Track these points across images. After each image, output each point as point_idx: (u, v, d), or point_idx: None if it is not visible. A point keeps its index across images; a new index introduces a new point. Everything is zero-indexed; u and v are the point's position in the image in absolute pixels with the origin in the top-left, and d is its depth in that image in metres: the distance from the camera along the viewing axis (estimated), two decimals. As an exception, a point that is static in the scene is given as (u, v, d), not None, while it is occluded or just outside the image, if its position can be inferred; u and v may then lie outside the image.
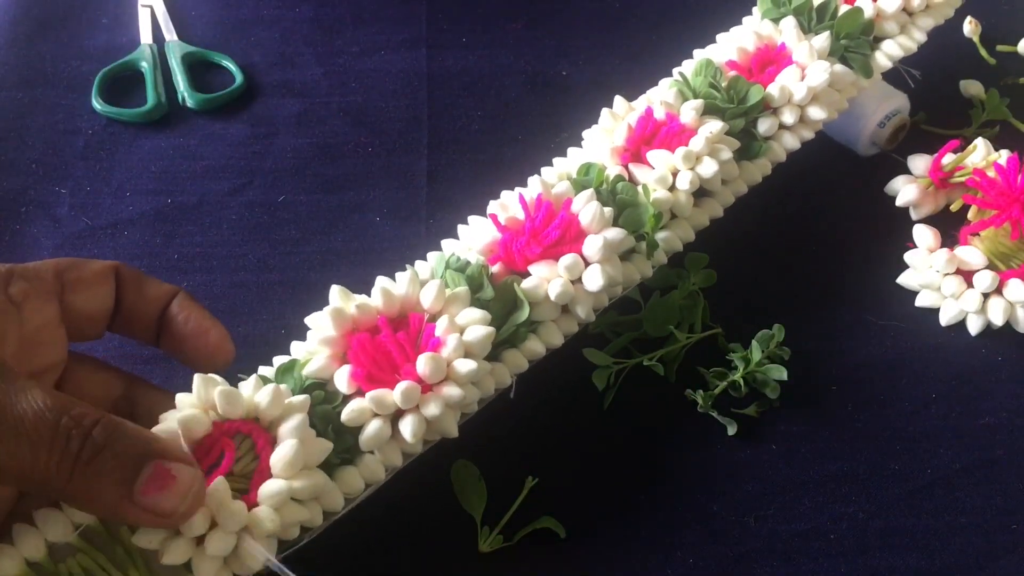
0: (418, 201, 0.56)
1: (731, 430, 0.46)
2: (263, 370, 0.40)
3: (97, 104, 0.59)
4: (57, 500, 0.34)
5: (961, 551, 0.44)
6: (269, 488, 0.35)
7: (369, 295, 0.41)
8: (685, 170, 0.47)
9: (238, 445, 0.36)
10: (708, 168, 0.47)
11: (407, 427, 0.38)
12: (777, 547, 0.43)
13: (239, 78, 0.61)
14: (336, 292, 0.41)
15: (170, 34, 0.64)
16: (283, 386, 0.38)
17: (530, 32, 0.65)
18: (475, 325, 0.40)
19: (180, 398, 0.37)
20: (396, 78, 0.62)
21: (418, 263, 0.44)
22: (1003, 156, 0.52)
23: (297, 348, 0.40)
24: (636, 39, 0.65)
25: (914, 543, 0.44)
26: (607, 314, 0.48)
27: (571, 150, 0.49)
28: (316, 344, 0.40)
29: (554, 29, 0.66)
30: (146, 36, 0.63)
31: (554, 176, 0.48)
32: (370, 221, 0.55)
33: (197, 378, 0.37)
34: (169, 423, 0.36)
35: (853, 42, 0.52)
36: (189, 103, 0.60)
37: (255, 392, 0.37)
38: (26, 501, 0.35)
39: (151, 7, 0.65)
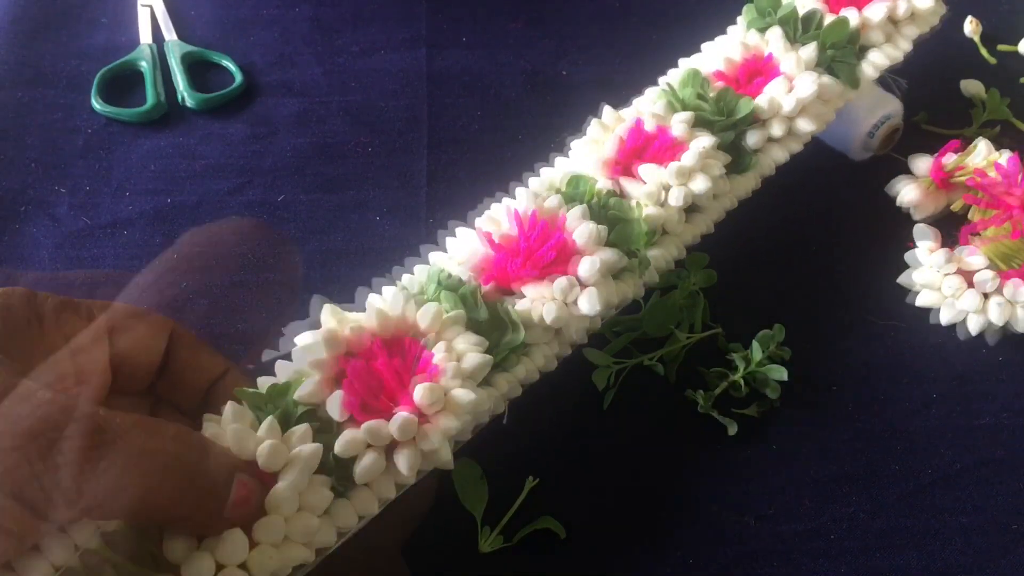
0: (418, 201, 0.56)
1: (731, 430, 0.46)
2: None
3: (96, 103, 0.59)
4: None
5: (961, 551, 0.44)
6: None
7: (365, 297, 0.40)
8: (677, 186, 0.46)
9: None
10: (700, 184, 0.46)
11: (403, 461, 0.36)
12: (777, 547, 0.43)
13: (239, 78, 0.61)
14: (328, 312, 0.39)
15: (169, 34, 0.64)
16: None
17: (530, 32, 0.65)
18: (472, 352, 0.38)
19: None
20: (396, 78, 0.62)
21: (405, 277, 0.42)
22: (1004, 156, 0.52)
23: (283, 368, 0.38)
24: (636, 38, 0.65)
25: (914, 543, 0.44)
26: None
27: (558, 159, 0.48)
28: (307, 366, 0.37)
29: (554, 29, 0.66)
30: (145, 36, 0.63)
31: (541, 186, 0.46)
32: (370, 221, 0.55)
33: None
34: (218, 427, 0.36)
35: (839, 52, 0.52)
36: (188, 103, 0.60)
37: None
38: None
39: (151, 7, 0.65)
